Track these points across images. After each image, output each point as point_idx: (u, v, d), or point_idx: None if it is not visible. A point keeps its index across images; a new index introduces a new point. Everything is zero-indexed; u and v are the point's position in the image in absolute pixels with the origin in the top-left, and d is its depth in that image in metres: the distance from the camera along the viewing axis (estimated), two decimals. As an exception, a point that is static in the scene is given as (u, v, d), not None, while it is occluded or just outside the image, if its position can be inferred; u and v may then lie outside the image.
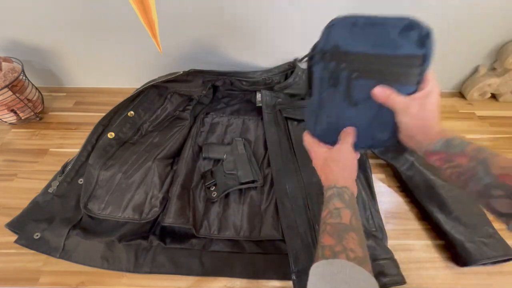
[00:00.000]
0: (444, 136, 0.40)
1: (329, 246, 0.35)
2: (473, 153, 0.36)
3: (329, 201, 0.41)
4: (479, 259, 0.51)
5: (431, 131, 0.41)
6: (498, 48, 0.76)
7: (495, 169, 0.33)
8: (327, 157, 0.46)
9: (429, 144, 0.40)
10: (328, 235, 0.36)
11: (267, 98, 0.76)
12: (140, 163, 0.64)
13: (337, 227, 0.37)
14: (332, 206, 0.40)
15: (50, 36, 0.75)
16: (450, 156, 0.38)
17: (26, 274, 0.53)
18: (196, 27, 0.72)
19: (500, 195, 0.32)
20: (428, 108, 0.41)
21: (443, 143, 0.39)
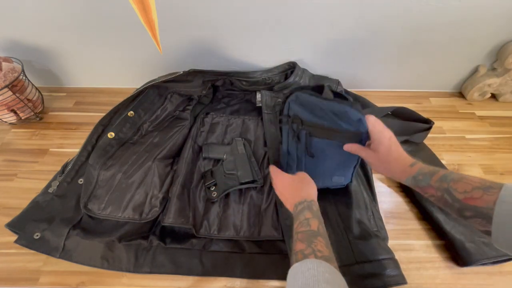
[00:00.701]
0: (410, 173, 0.45)
1: (300, 251, 0.38)
2: (436, 185, 0.40)
3: (300, 214, 0.45)
4: (479, 259, 0.51)
5: (396, 172, 0.47)
6: (498, 48, 0.76)
7: (458, 195, 0.37)
8: (294, 179, 0.53)
9: (402, 181, 0.46)
10: (299, 242, 0.40)
11: (267, 98, 0.76)
12: (140, 163, 0.65)
13: (307, 234, 0.41)
14: (303, 217, 0.44)
15: (50, 36, 0.75)
16: (422, 189, 0.43)
17: (26, 274, 0.53)
18: (196, 27, 0.72)
19: (471, 215, 0.36)
20: (383, 156, 0.48)
21: (411, 180, 0.44)
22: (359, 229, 0.56)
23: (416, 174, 0.44)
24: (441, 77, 0.86)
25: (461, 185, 0.37)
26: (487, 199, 0.34)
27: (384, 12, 0.68)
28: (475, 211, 0.35)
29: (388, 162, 0.48)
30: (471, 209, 0.35)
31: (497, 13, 0.67)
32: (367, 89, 0.89)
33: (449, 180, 0.39)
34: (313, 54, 0.79)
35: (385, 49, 0.77)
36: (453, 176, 0.39)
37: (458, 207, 0.37)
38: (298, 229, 0.43)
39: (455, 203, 0.37)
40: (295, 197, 0.49)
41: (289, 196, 0.52)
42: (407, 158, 0.47)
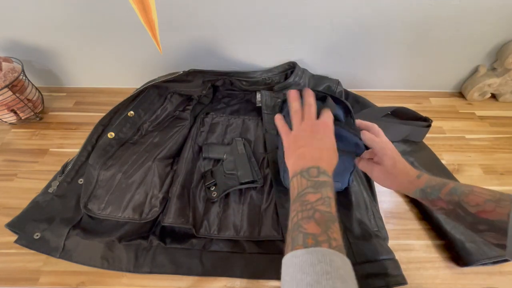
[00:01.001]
0: (417, 186, 0.43)
1: (313, 235, 0.33)
2: (447, 198, 0.39)
3: (322, 186, 0.38)
4: (479, 259, 0.51)
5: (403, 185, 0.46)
6: (498, 48, 0.76)
7: (471, 209, 0.36)
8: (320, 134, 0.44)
9: (410, 193, 0.45)
10: (315, 223, 0.34)
11: (267, 98, 0.76)
12: (140, 163, 0.64)
13: (326, 216, 0.35)
14: (325, 193, 0.37)
15: (50, 36, 0.75)
16: (431, 202, 0.42)
17: (26, 274, 0.53)
18: (196, 27, 0.72)
19: (485, 229, 0.35)
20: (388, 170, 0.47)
21: (420, 192, 0.43)
22: (360, 229, 0.56)
23: (424, 186, 0.43)
24: (441, 77, 0.86)
25: (472, 198, 0.37)
26: (500, 212, 0.34)
27: (384, 12, 0.68)
28: (488, 225, 0.35)
29: (394, 175, 0.47)
30: (484, 222, 0.35)
31: (497, 13, 0.67)
32: (367, 89, 0.89)
33: (460, 193, 0.38)
34: (313, 54, 0.79)
35: (385, 49, 0.77)
36: (463, 189, 0.39)
37: (471, 221, 0.37)
38: (317, 206, 0.35)
39: (468, 216, 0.37)
40: (314, 156, 0.41)
41: (308, 149, 0.42)
42: (412, 170, 0.46)
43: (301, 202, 0.37)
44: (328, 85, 0.78)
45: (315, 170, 0.39)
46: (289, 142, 0.46)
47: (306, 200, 0.37)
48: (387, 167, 0.47)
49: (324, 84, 0.78)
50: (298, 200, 0.37)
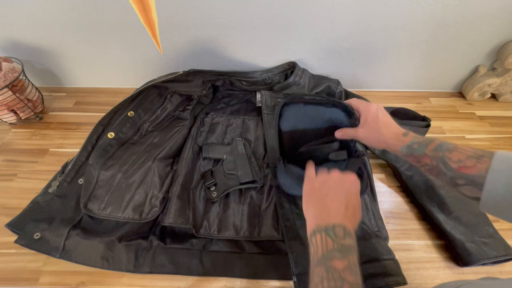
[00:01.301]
0: (404, 142, 0.45)
1: None
2: (432, 154, 0.42)
3: (349, 252, 0.36)
4: (479, 259, 0.51)
5: (389, 140, 0.47)
6: (498, 48, 0.76)
7: (452, 164, 0.39)
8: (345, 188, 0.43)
9: (397, 150, 0.46)
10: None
11: (267, 98, 0.75)
12: (140, 163, 0.64)
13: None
14: (353, 260, 0.35)
15: (50, 36, 0.75)
16: (417, 158, 0.44)
17: (26, 274, 0.53)
18: (196, 27, 0.72)
19: (463, 183, 0.37)
20: (372, 126, 0.49)
21: (406, 148, 0.45)
22: (360, 229, 0.56)
23: (411, 143, 0.44)
24: (441, 77, 0.86)
25: (455, 154, 0.39)
26: (480, 167, 0.36)
27: (384, 12, 0.68)
28: (467, 179, 0.37)
29: (378, 131, 0.48)
30: (463, 177, 0.37)
31: (497, 13, 0.67)
32: (367, 89, 0.89)
33: (444, 150, 0.40)
34: (313, 54, 0.79)
35: (385, 49, 0.77)
36: (448, 146, 0.41)
37: (451, 175, 0.39)
38: (345, 275, 0.33)
39: (448, 171, 0.39)
40: (339, 212, 0.40)
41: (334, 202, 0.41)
42: (399, 128, 0.48)
43: (326, 267, 0.34)
44: (328, 85, 0.78)
45: (341, 230, 0.37)
46: (313, 187, 0.45)
47: (333, 266, 0.34)
48: (371, 124, 0.49)
49: (324, 84, 0.78)
50: (324, 265, 0.35)
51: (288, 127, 0.62)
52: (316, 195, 0.44)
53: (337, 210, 0.40)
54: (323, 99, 0.61)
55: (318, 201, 0.43)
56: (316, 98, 0.61)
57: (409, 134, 0.46)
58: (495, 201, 0.34)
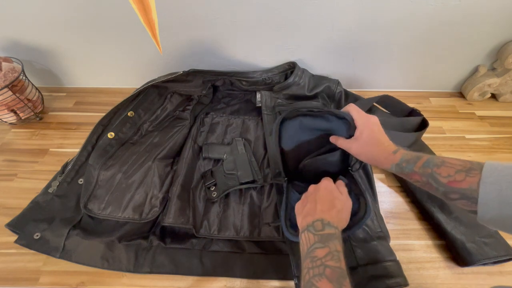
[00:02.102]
0: (393, 161, 0.45)
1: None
2: (420, 171, 0.41)
3: (329, 240, 0.39)
4: (479, 259, 0.51)
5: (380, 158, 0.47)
6: (498, 48, 0.76)
7: (442, 179, 0.38)
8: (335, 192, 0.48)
9: (387, 168, 0.46)
10: (326, 280, 0.34)
11: (267, 99, 0.75)
12: (140, 163, 0.64)
13: (337, 272, 0.35)
14: (333, 246, 0.38)
15: (50, 36, 0.75)
16: (407, 176, 0.44)
17: (26, 274, 0.53)
18: (196, 27, 0.72)
19: (457, 198, 0.37)
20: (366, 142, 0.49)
21: (396, 167, 0.45)
22: (362, 231, 0.56)
23: (400, 161, 0.44)
24: (441, 77, 0.86)
25: (444, 169, 0.39)
26: (470, 181, 0.35)
27: (384, 12, 0.68)
28: (459, 193, 0.36)
29: (371, 148, 0.48)
30: (456, 191, 0.37)
31: (497, 13, 0.67)
32: (367, 89, 0.89)
33: (432, 166, 0.40)
34: (313, 54, 0.79)
35: (385, 49, 0.77)
36: (435, 161, 0.41)
37: (443, 190, 0.38)
38: (326, 261, 0.36)
39: (440, 187, 0.39)
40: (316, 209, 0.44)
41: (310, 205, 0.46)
42: (390, 145, 0.48)
43: (311, 258, 0.37)
44: (328, 85, 0.78)
45: (319, 223, 0.41)
46: (298, 205, 0.49)
47: (315, 256, 0.37)
48: (365, 139, 0.49)
49: (324, 84, 0.78)
50: (308, 257, 0.38)
51: (289, 146, 0.60)
52: (300, 209, 0.48)
53: (313, 209, 0.44)
54: (321, 111, 0.59)
55: (302, 211, 0.46)
56: (314, 110, 0.59)
57: (398, 151, 0.46)
58: (492, 214, 0.33)
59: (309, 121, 0.60)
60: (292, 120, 0.60)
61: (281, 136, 0.61)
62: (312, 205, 0.45)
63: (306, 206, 0.46)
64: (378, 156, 0.47)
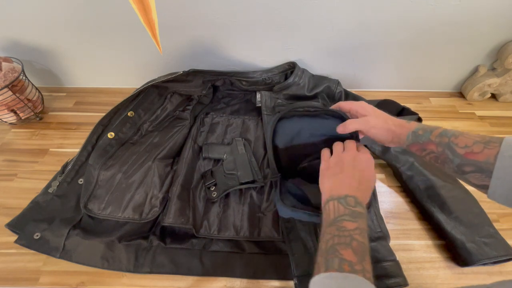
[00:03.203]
0: (409, 128, 0.44)
1: (349, 262, 0.34)
2: (437, 140, 0.40)
3: (359, 217, 0.39)
4: (480, 259, 0.51)
5: (395, 127, 0.45)
6: (498, 48, 0.76)
7: (459, 150, 0.37)
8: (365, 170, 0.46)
9: (402, 140, 0.45)
10: (352, 251, 0.35)
11: (267, 99, 0.75)
12: (140, 163, 0.64)
13: (362, 247, 0.36)
14: (362, 224, 0.38)
15: (50, 36, 0.75)
16: (422, 145, 0.42)
17: (26, 274, 0.53)
18: (196, 27, 0.72)
19: (471, 171, 0.36)
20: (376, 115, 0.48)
21: (412, 136, 0.43)
22: None
23: (416, 129, 0.43)
24: (441, 77, 0.86)
25: (462, 139, 0.38)
26: (488, 153, 0.34)
27: (384, 12, 0.68)
28: (474, 166, 0.35)
29: (384, 119, 0.47)
30: (471, 164, 0.36)
31: (497, 13, 0.67)
32: (367, 89, 0.89)
33: (450, 135, 0.39)
34: (313, 54, 0.79)
35: (385, 49, 0.77)
36: (453, 132, 0.40)
37: (458, 162, 0.37)
38: (355, 235, 0.36)
39: (456, 158, 0.37)
40: (352, 186, 0.43)
41: (347, 177, 0.44)
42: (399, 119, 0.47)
43: (337, 227, 0.38)
44: (328, 85, 0.78)
45: (353, 200, 0.40)
46: (328, 165, 0.47)
47: (343, 226, 0.37)
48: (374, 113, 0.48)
49: (324, 84, 0.78)
50: (335, 225, 0.38)
51: (284, 144, 0.61)
52: (331, 172, 0.46)
53: (349, 185, 0.43)
54: (318, 110, 0.60)
55: (333, 176, 0.45)
56: (310, 110, 0.60)
57: (411, 122, 0.45)
58: (505, 189, 0.32)
59: (306, 121, 0.60)
60: (289, 119, 0.61)
61: (277, 134, 0.61)
62: (348, 179, 0.44)
63: (340, 174, 0.44)
64: (394, 127, 0.46)
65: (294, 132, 0.61)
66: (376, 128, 0.48)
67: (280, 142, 0.61)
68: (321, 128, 0.59)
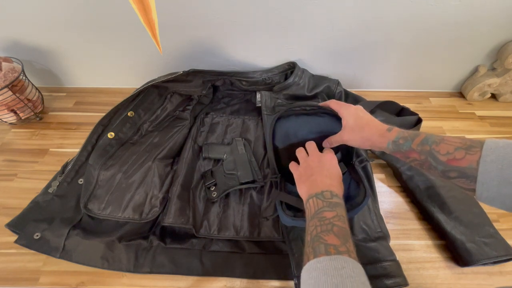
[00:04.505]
0: (389, 138, 0.45)
1: (333, 245, 0.36)
2: (419, 148, 0.41)
3: (336, 206, 0.42)
4: (480, 259, 0.51)
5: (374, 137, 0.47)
6: (498, 48, 0.76)
7: (441, 157, 0.38)
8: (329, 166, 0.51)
9: (383, 147, 0.46)
10: (334, 235, 0.37)
11: (267, 99, 0.75)
12: (140, 163, 0.64)
13: (343, 231, 0.38)
14: (340, 212, 0.41)
15: (50, 36, 0.75)
16: (404, 154, 0.43)
17: (26, 274, 0.53)
18: (196, 27, 0.72)
19: (455, 176, 0.36)
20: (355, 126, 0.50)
21: (393, 144, 0.44)
22: (362, 231, 0.56)
23: (396, 138, 0.44)
24: (441, 77, 0.86)
25: (443, 146, 0.38)
26: (470, 159, 0.35)
27: (384, 12, 0.68)
28: (459, 172, 0.36)
29: (362, 130, 0.49)
30: (455, 170, 0.36)
31: (497, 13, 0.67)
32: (367, 89, 0.89)
33: (431, 143, 0.39)
34: (313, 54, 0.79)
35: (385, 49, 0.77)
36: (434, 138, 0.40)
37: (442, 169, 0.38)
38: (334, 221, 0.39)
39: (439, 165, 0.38)
40: (325, 182, 0.47)
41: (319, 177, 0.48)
42: (382, 124, 0.47)
43: (319, 218, 0.41)
44: (328, 85, 0.78)
45: (329, 193, 0.44)
46: (300, 173, 0.52)
47: (324, 216, 0.40)
48: (353, 125, 0.50)
49: (324, 84, 0.78)
50: (316, 217, 0.41)
51: (283, 143, 0.62)
52: (304, 177, 0.50)
53: (323, 182, 0.47)
54: (314, 108, 0.60)
55: (307, 180, 0.49)
56: (307, 108, 0.61)
57: (393, 129, 0.45)
58: (490, 192, 0.33)
59: (304, 120, 0.61)
60: (286, 118, 0.61)
61: (276, 134, 0.61)
62: (320, 178, 0.48)
63: (312, 176, 0.49)
64: (371, 136, 0.47)
65: (292, 131, 0.61)
66: (351, 141, 0.51)
67: (279, 142, 0.62)
68: (318, 125, 0.59)
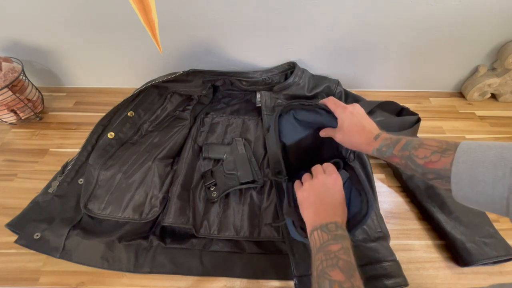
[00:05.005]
0: (374, 146, 0.47)
1: (338, 282, 0.36)
2: (399, 154, 0.43)
3: (342, 239, 0.42)
4: (479, 259, 0.51)
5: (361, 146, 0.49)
6: (498, 48, 0.76)
7: (419, 161, 0.40)
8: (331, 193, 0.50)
9: (370, 154, 0.49)
10: (339, 271, 0.38)
11: (267, 99, 0.75)
12: (140, 163, 0.64)
13: (348, 265, 0.39)
14: (346, 244, 0.41)
15: (50, 36, 0.75)
16: (388, 159, 0.46)
17: (26, 274, 0.53)
18: (196, 27, 0.72)
19: (433, 178, 0.39)
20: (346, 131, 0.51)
21: (377, 152, 0.47)
22: (362, 231, 0.56)
23: (380, 146, 0.46)
24: (441, 77, 0.86)
25: (421, 151, 0.40)
26: (445, 161, 0.37)
27: (384, 12, 0.68)
28: (435, 174, 0.38)
29: (352, 136, 0.51)
30: (432, 172, 0.39)
31: (497, 13, 0.67)
32: (367, 89, 0.89)
33: (411, 148, 0.42)
34: (313, 54, 0.79)
35: (385, 49, 0.77)
36: (413, 144, 0.42)
37: (421, 171, 0.40)
38: (340, 255, 0.39)
39: (418, 168, 0.40)
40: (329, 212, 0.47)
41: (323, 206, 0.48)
42: (372, 131, 0.49)
43: (324, 252, 0.41)
44: (328, 85, 0.78)
45: (333, 225, 0.44)
46: (303, 196, 0.51)
47: (329, 250, 0.41)
48: (346, 128, 0.51)
49: (324, 84, 0.78)
50: (322, 251, 0.41)
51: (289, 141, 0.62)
52: (307, 202, 0.50)
53: (326, 212, 0.47)
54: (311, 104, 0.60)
55: (311, 206, 0.49)
56: (305, 104, 0.61)
57: (379, 137, 0.47)
58: (464, 192, 0.35)
59: (304, 115, 0.61)
60: (286, 114, 0.62)
61: (280, 132, 0.62)
62: (324, 207, 0.48)
63: (315, 203, 0.48)
64: (359, 143, 0.50)
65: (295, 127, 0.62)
66: (341, 142, 0.54)
67: (285, 139, 0.62)
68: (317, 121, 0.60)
